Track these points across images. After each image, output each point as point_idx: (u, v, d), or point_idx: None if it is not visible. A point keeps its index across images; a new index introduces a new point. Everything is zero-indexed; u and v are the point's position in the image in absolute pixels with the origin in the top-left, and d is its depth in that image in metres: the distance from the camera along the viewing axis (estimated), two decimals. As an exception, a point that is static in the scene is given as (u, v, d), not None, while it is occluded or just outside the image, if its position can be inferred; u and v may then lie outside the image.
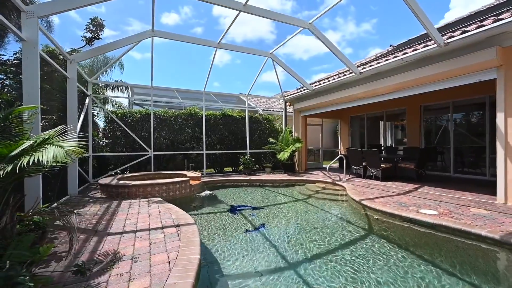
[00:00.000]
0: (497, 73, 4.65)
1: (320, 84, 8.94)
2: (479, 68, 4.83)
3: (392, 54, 6.59)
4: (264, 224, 4.40)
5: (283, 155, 9.31)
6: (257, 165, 10.90)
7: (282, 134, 10.39)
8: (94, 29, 6.06)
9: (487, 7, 7.64)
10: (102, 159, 8.69)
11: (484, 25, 4.48)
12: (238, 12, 5.71)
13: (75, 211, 2.84)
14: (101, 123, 11.35)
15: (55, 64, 5.25)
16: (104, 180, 6.38)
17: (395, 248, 3.26)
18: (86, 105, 7.82)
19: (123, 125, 8.68)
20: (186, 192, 6.36)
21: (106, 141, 9.06)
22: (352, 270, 2.71)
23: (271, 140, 10.41)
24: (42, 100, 4.26)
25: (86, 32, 6.12)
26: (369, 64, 7.01)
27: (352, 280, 2.52)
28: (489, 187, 5.87)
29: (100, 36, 6.18)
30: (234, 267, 2.88)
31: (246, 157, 10.03)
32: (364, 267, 2.77)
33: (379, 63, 6.57)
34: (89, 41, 6.14)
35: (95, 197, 5.73)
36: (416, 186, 6.45)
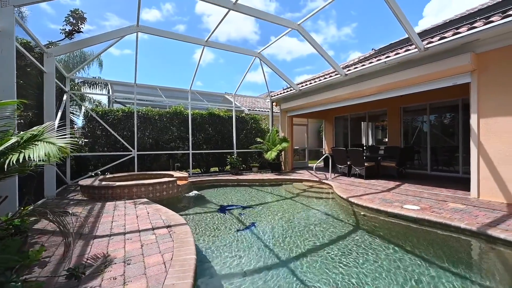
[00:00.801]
0: (471, 77, 5.01)
1: (306, 84, 9.11)
2: (455, 72, 5.17)
3: (375, 57, 6.87)
4: (254, 223, 4.41)
5: (271, 155, 9.38)
6: (244, 165, 10.88)
7: (269, 134, 10.45)
8: (74, 21, 5.72)
9: (459, 16, 8.19)
10: (81, 160, 8.25)
11: (460, 32, 4.81)
12: (227, 10, 5.68)
13: (70, 212, 2.67)
14: (79, 121, 10.79)
15: (31, 57, 4.91)
16: (84, 181, 6.06)
17: (382, 241, 3.40)
18: (64, 102, 7.38)
19: (104, 124, 8.31)
20: (173, 193, 6.21)
21: (85, 140, 8.61)
22: (343, 265, 2.80)
23: (259, 139, 10.45)
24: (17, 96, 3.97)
25: (66, 25, 5.76)
26: (354, 66, 7.26)
27: (344, 274, 2.60)
28: (463, 183, 6.31)
29: (81, 30, 5.85)
30: (228, 266, 2.86)
31: (233, 156, 9.98)
32: (355, 261, 2.87)
33: (363, 65, 6.82)
34: (69, 34, 5.78)
35: (75, 199, 5.43)
36: (397, 183, 6.78)
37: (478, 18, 4.94)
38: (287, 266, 2.84)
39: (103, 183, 5.74)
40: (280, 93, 10.64)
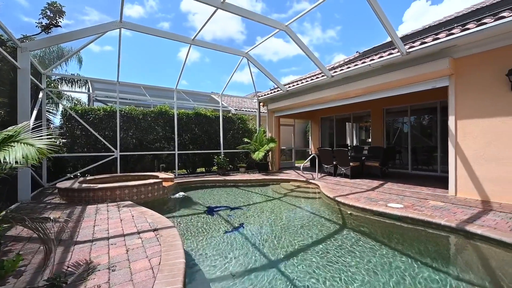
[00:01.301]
0: (449, 81, 5.27)
1: (293, 85, 9.20)
2: (435, 76, 5.41)
3: (360, 60, 7.06)
4: (243, 224, 4.38)
5: (258, 155, 9.38)
6: (231, 165, 10.81)
7: (256, 134, 10.45)
8: (52, 15, 5.40)
9: (438, 22, 8.61)
10: (59, 161, 7.82)
11: (439, 38, 5.04)
12: (215, 9, 5.60)
13: (51, 218, 2.50)
14: (56, 120, 10.25)
15: (3, 51, 4.58)
16: (63, 184, 5.75)
17: (370, 240, 3.49)
18: (40, 100, 6.97)
19: (84, 123, 7.93)
20: (158, 195, 6.04)
21: (63, 140, 8.18)
22: (332, 264, 2.84)
23: (246, 140, 10.42)
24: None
25: (42, 18, 5.41)
26: (340, 68, 7.41)
27: (334, 273, 2.64)
28: (441, 182, 6.63)
29: (59, 24, 5.53)
30: (217, 269, 2.82)
31: (220, 157, 9.88)
32: (345, 260, 2.92)
33: (349, 67, 6.99)
34: (46, 28, 5.44)
35: (53, 203, 5.14)
36: (381, 182, 7.00)
37: (455, 24, 5.20)
38: (277, 268, 2.84)
39: (84, 185, 5.47)
40: (268, 94, 10.67)
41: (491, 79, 4.66)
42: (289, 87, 9.37)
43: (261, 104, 11.52)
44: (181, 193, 6.70)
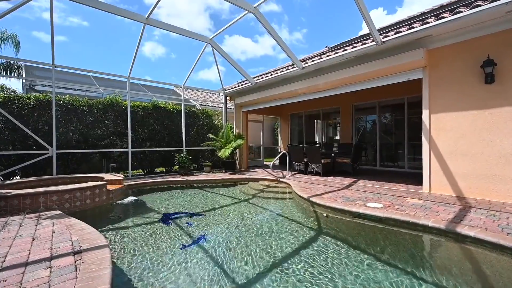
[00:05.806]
0: (423, 73, 5.09)
1: (262, 78, 8.59)
2: (409, 68, 5.20)
3: (332, 51, 6.70)
4: (204, 234, 3.61)
5: (224, 152, 8.59)
6: (194, 164, 9.84)
7: (222, 130, 9.65)
8: None
9: (401, 20, 8.70)
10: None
11: (413, 27, 4.82)
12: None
13: None
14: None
15: None
16: (-37, 191, 4.34)
17: (350, 245, 2.99)
18: None
19: (6, 114, 6.35)
20: (101, 200, 4.94)
21: (-23, 135, 6.48)
22: (312, 278, 2.24)
23: (211, 136, 9.52)
24: None
25: None
26: (311, 60, 6.98)
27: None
28: (410, 178, 6.61)
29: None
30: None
31: (182, 155, 8.86)
32: (327, 276, 2.34)
33: (321, 58, 6.59)
34: None
35: None
36: (353, 179, 6.73)
37: (429, 15, 5.04)
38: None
39: (-8, 192, 4.16)
40: (235, 87, 9.92)
41: (465, 71, 4.54)
42: (258, 79, 8.74)
43: (228, 98, 10.72)
44: (132, 198, 5.64)
